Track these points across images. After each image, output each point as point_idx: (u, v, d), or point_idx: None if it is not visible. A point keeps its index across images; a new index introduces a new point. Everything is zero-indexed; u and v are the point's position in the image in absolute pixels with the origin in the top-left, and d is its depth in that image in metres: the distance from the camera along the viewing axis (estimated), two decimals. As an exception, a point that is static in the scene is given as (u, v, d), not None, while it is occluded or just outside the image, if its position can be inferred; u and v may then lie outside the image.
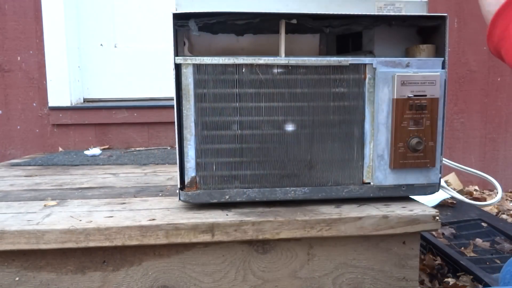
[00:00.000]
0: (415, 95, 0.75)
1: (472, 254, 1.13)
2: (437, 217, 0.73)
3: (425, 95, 0.75)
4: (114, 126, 1.84)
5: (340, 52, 0.89)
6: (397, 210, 0.74)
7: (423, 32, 0.82)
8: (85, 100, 1.94)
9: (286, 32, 0.74)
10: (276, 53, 0.76)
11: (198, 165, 0.73)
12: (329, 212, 0.74)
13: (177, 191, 0.76)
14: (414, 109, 0.75)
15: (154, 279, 0.73)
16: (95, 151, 1.62)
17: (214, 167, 0.74)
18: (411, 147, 0.75)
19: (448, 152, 1.94)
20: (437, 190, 0.79)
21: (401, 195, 0.79)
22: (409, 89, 0.74)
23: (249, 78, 0.72)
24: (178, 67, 0.71)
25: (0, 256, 0.70)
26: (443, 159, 0.80)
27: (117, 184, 1.02)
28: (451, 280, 1.05)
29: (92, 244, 0.68)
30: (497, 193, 0.82)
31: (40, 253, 0.70)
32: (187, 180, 0.74)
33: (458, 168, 0.90)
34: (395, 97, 0.74)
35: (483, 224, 1.31)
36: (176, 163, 1.09)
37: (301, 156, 0.75)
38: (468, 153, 1.96)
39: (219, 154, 0.74)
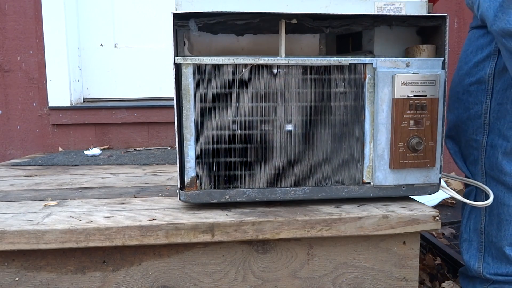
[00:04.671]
0: (415, 95, 0.75)
1: (472, 254, 1.12)
2: (437, 217, 0.73)
3: (425, 95, 0.75)
4: (114, 126, 1.84)
5: (340, 52, 0.89)
6: (397, 210, 0.74)
7: (423, 32, 0.82)
8: (85, 100, 1.95)
9: (286, 32, 0.74)
10: (276, 53, 0.76)
11: (198, 165, 0.73)
12: (329, 212, 0.74)
13: (177, 191, 0.76)
14: (414, 109, 0.75)
15: (154, 279, 0.73)
16: (95, 151, 1.62)
17: (214, 167, 0.74)
18: (411, 147, 0.75)
19: (447, 152, 1.94)
20: (437, 190, 0.79)
21: (401, 195, 0.79)
22: (409, 89, 0.74)
23: (249, 78, 0.72)
24: (178, 67, 0.71)
25: (0, 256, 0.70)
26: (443, 173, 0.80)
27: (117, 184, 1.02)
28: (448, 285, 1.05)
29: (92, 244, 0.68)
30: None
31: (40, 253, 0.70)
32: (187, 180, 0.74)
33: (456, 180, 0.89)
34: (395, 97, 0.74)
35: (483, 224, 1.31)
36: (176, 163, 1.09)
37: (301, 156, 0.75)
38: (468, 153, 1.95)
39: (219, 154, 0.74)
